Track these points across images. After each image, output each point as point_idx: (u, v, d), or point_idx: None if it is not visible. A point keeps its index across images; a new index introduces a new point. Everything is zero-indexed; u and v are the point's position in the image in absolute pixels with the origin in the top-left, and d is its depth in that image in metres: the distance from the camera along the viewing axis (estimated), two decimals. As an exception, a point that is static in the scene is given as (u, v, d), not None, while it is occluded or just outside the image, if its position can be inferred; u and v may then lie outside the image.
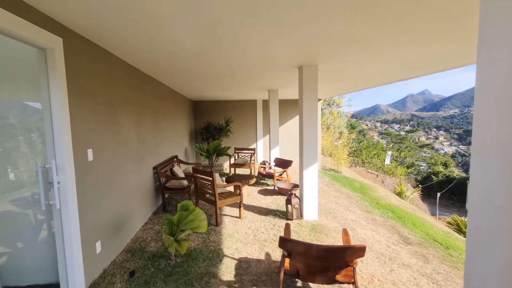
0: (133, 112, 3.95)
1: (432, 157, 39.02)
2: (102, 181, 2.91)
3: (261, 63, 4.10)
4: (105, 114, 3.06)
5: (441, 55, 3.66)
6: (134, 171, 3.90)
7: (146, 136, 4.51)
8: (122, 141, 3.50)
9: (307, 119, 4.26)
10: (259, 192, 6.24)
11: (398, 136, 39.62)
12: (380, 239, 4.38)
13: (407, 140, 38.57)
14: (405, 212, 6.80)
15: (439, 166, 35.18)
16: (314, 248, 2.15)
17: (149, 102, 4.76)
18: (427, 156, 40.43)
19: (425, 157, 39.07)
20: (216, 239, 3.71)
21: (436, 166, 34.94)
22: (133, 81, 4.00)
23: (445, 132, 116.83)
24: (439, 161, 36.28)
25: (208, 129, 9.54)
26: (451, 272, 3.56)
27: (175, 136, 6.89)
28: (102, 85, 3.01)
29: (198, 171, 4.49)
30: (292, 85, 6.47)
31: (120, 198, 3.40)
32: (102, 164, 2.93)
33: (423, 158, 38.03)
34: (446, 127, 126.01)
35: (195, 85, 6.27)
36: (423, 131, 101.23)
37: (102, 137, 2.96)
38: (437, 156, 39.81)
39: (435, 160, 36.44)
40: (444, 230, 6.21)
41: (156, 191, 4.96)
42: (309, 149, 4.31)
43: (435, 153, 48.52)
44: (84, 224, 2.52)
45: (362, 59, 3.81)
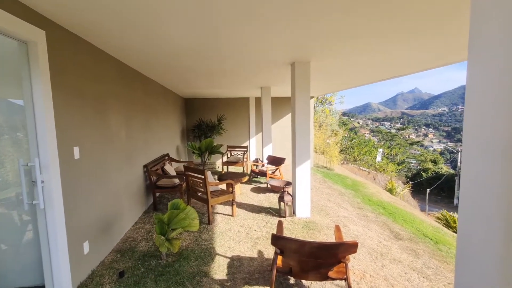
0: (122, 109, 3.86)
1: (422, 154, 39.80)
2: (89, 180, 2.83)
3: (253, 60, 4.06)
4: (92, 111, 2.97)
5: (434, 52, 3.69)
6: (123, 169, 3.81)
7: (136, 134, 4.42)
8: (111, 138, 3.41)
9: (299, 116, 4.25)
10: (251, 190, 6.21)
11: (389, 134, 40.24)
12: (372, 235, 4.42)
13: (397, 137, 39.21)
14: (395, 208, 6.90)
15: (428, 163, 35.93)
16: (307, 245, 2.14)
17: (139, 99, 4.66)
18: (417, 153, 41.22)
19: (415, 154, 39.83)
20: (208, 238, 3.67)
21: (426, 163, 35.68)
22: (122, 77, 3.90)
23: (434, 129, 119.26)
24: (428, 158, 37.05)
25: (200, 126, 9.45)
26: (440, 267, 3.62)
27: (166, 134, 6.78)
28: (89, 81, 2.91)
29: (189, 169, 4.42)
30: (285, 82, 6.45)
31: (109, 197, 3.32)
32: (90, 162, 2.84)
33: (413, 155, 38.76)
34: (435, 124, 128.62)
35: (187, 82, 6.18)
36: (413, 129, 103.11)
37: (90, 135, 2.88)
38: (427, 153, 40.64)
39: (424, 157, 37.19)
40: (434, 225, 6.33)
41: (147, 190, 4.87)
42: (301, 147, 4.30)
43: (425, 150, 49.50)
44: (70, 224, 2.44)
45: (355, 55, 3.81)
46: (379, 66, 4.52)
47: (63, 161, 2.37)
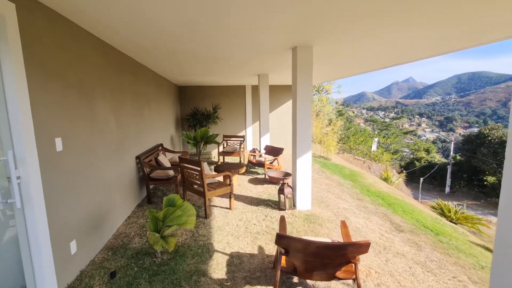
0: (111, 95, 3.57)
1: (415, 143, 40.16)
2: (75, 173, 2.58)
3: (252, 44, 3.78)
4: (76, 97, 2.69)
5: (440, 36, 3.46)
6: (114, 161, 3.56)
7: (127, 123, 4.14)
8: (98, 128, 3.14)
9: (301, 105, 4.02)
10: (249, 182, 6.03)
11: (384, 123, 40.34)
12: (373, 228, 4.31)
13: (392, 127, 39.37)
14: (394, 198, 6.83)
15: (421, 152, 36.28)
16: (314, 245, 1.96)
17: (129, 85, 4.35)
18: (410, 142, 41.56)
19: (409, 143, 40.17)
20: (205, 233, 3.49)
21: (419, 152, 36.02)
22: (109, 61, 3.58)
23: (427, 119, 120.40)
24: (422, 147, 37.39)
25: (195, 115, 9.14)
26: (443, 259, 3.55)
27: (160, 123, 6.49)
28: (71, 64, 2.62)
29: (185, 160, 4.19)
30: (284, 69, 6.17)
31: (99, 191, 3.08)
32: (75, 154, 2.59)
33: (406, 144, 39.07)
34: (428, 114, 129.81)
35: (180, 69, 5.85)
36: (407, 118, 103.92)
37: (74, 124, 2.61)
38: (420, 143, 41.03)
39: (418, 146, 37.53)
40: (433, 216, 6.29)
41: (140, 182, 4.64)
42: (302, 137, 4.10)
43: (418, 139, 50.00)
44: (54, 223, 2.22)
45: (360, 39, 3.56)
46: (386, 51, 4.28)
47: (43, 154, 2.11)
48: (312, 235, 3.56)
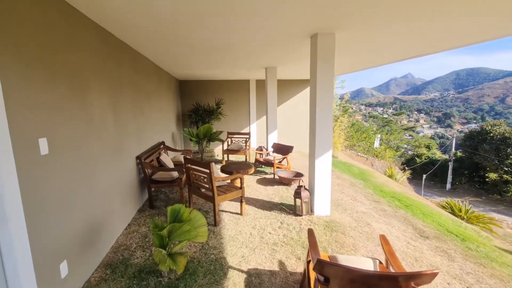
0: (108, 89, 3.12)
1: (416, 139, 39.93)
2: (65, 181, 2.15)
3: (265, 32, 3.35)
4: (67, 91, 2.25)
5: (477, 25, 3.05)
6: (112, 163, 3.13)
7: (126, 120, 3.70)
8: (94, 126, 2.70)
9: (321, 99, 3.59)
10: (258, 182, 5.63)
11: (385, 119, 39.97)
12: (398, 234, 3.95)
13: (392, 123, 39.04)
14: (410, 199, 6.47)
15: (422, 148, 36.04)
16: (367, 275, 1.56)
17: (129, 77, 3.90)
18: (410, 138, 41.30)
19: (409, 140, 39.93)
20: (216, 244, 3.08)
21: (420, 149, 35.78)
22: (107, 50, 3.13)
23: (425, 115, 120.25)
24: (422, 144, 37.15)
25: (197, 111, 8.68)
26: (478, 271, 3.21)
27: (161, 120, 6.04)
28: (60, 51, 2.17)
29: (191, 161, 3.77)
30: (295, 61, 5.73)
31: (95, 198, 2.66)
32: (65, 157, 2.16)
33: (407, 141, 38.82)
34: (426, 110, 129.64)
35: (183, 60, 5.38)
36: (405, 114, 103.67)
37: (64, 122, 2.17)
38: (421, 139, 40.83)
39: (419, 142, 37.29)
40: (452, 219, 5.94)
41: (140, 185, 4.22)
42: (323, 135, 3.68)
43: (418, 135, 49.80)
44: (38, 244, 1.80)
45: (390, 25, 3.13)
46: (415, 40, 3.85)
47: (22, 158, 1.69)
48: (337, 246, 3.17)
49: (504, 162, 24.11)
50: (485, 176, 26.32)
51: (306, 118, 9.88)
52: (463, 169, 29.44)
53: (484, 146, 25.85)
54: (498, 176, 24.73)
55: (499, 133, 25.19)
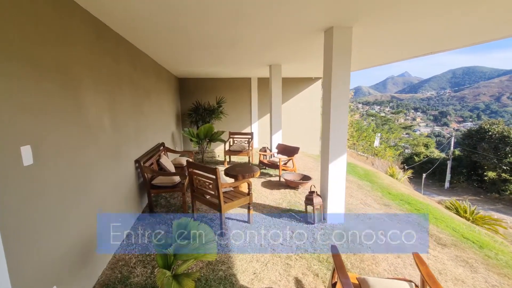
0: (105, 88, 2.82)
1: (414, 138, 39.93)
2: (55, 194, 1.86)
3: (275, 26, 3.07)
4: (57, 91, 1.95)
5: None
6: (109, 169, 2.84)
7: (125, 120, 3.40)
8: (89, 129, 2.41)
9: (336, 98, 3.32)
10: (263, 186, 5.36)
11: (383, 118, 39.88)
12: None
13: (391, 121, 38.97)
14: (420, 202, 6.24)
15: (421, 147, 36.03)
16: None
17: (128, 75, 3.59)
18: (409, 137, 41.28)
19: (408, 139, 39.91)
20: (225, 259, 2.81)
21: (418, 147, 35.76)
22: (103, 43, 2.83)
23: (422, 113, 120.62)
24: (421, 142, 37.13)
25: (197, 110, 8.37)
26: (504, 283, 3.01)
27: (160, 119, 5.74)
28: (49, 44, 1.87)
29: (194, 165, 3.48)
30: (302, 58, 5.46)
31: (89, 210, 2.37)
32: (54, 167, 1.86)
33: (406, 139, 38.80)
34: (423, 108, 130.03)
35: (184, 56, 5.08)
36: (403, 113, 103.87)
37: (53, 126, 1.88)
38: (420, 137, 40.85)
39: (417, 141, 37.26)
40: (464, 223, 5.73)
41: (140, 190, 3.93)
42: (337, 137, 3.42)
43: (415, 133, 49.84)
44: (20, 271, 1.51)
45: (415, 18, 2.86)
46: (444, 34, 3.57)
47: (0, 171, 1.39)
48: (356, 260, 2.91)
49: (502, 161, 24.11)
50: (483, 175, 26.32)
51: (307, 117, 9.62)
52: (461, 167, 29.43)
53: (483, 145, 25.82)
54: (496, 175, 24.73)
55: (498, 132, 25.17)
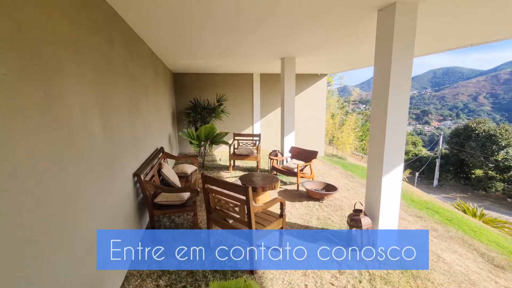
0: (93, 74, 1.98)
1: (402, 136, 40.36)
2: (12, 243, 1.04)
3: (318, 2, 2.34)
4: (15, 78, 1.13)
5: None
6: (100, 190, 2.00)
7: (120, 122, 2.56)
8: (69, 137, 1.58)
9: (394, 96, 2.62)
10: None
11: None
12: (474, 268, 3.15)
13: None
14: (447, 211, 5.72)
15: (409, 145, 36.50)
16: None
17: (123, 62, 2.74)
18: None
19: (396, 137, 40.26)
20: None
21: (407, 146, 36.24)
22: (91, 15, 1.98)
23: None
24: (409, 141, 37.63)
25: (195, 109, 7.48)
26: None
27: (158, 120, 4.86)
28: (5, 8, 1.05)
29: (212, 180, 2.69)
30: (323, 50, 4.74)
31: (75, 254, 1.54)
32: (8, 206, 1.04)
33: (395, 138, 39.12)
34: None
35: (187, 45, 4.24)
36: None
37: (7, 138, 1.05)
38: (408, 136, 41.48)
39: (406, 139, 37.74)
40: (498, 233, 5.24)
41: (139, 211, 3.08)
42: (394, 143, 2.73)
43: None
44: None
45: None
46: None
47: None
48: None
49: (489, 159, 24.59)
50: (470, 172, 26.83)
51: (312, 117, 8.96)
52: (449, 165, 29.94)
53: (470, 143, 26.29)
54: (483, 173, 25.24)
55: (484, 131, 25.69)
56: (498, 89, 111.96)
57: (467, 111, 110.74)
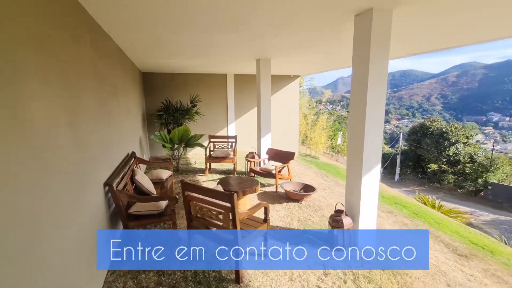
0: (60, 76, 1.75)
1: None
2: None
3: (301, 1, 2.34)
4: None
5: None
6: (69, 208, 1.78)
7: (90, 129, 2.31)
8: (30, 151, 1.37)
9: (372, 97, 2.71)
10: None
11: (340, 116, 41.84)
12: (442, 258, 3.41)
13: (347, 119, 41.08)
14: (413, 205, 6.13)
15: (373, 143, 38.80)
16: None
17: (91, 62, 2.49)
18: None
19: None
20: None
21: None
22: (55, 6, 1.75)
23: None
24: (373, 139, 39.94)
25: (167, 110, 7.15)
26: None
27: (129, 123, 4.54)
28: None
29: (194, 187, 2.56)
30: (299, 52, 4.79)
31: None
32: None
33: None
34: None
35: (159, 44, 4.02)
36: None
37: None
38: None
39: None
40: (457, 224, 5.73)
41: (111, 222, 2.83)
42: (372, 144, 2.82)
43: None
44: None
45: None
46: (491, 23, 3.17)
47: None
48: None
49: (442, 154, 26.99)
50: (426, 167, 29.20)
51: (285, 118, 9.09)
52: (408, 161, 32.29)
53: (426, 140, 28.64)
54: (437, 167, 27.63)
55: (437, 128, 28.19)
56: (447, 91, 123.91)
57: (421, 110, 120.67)
